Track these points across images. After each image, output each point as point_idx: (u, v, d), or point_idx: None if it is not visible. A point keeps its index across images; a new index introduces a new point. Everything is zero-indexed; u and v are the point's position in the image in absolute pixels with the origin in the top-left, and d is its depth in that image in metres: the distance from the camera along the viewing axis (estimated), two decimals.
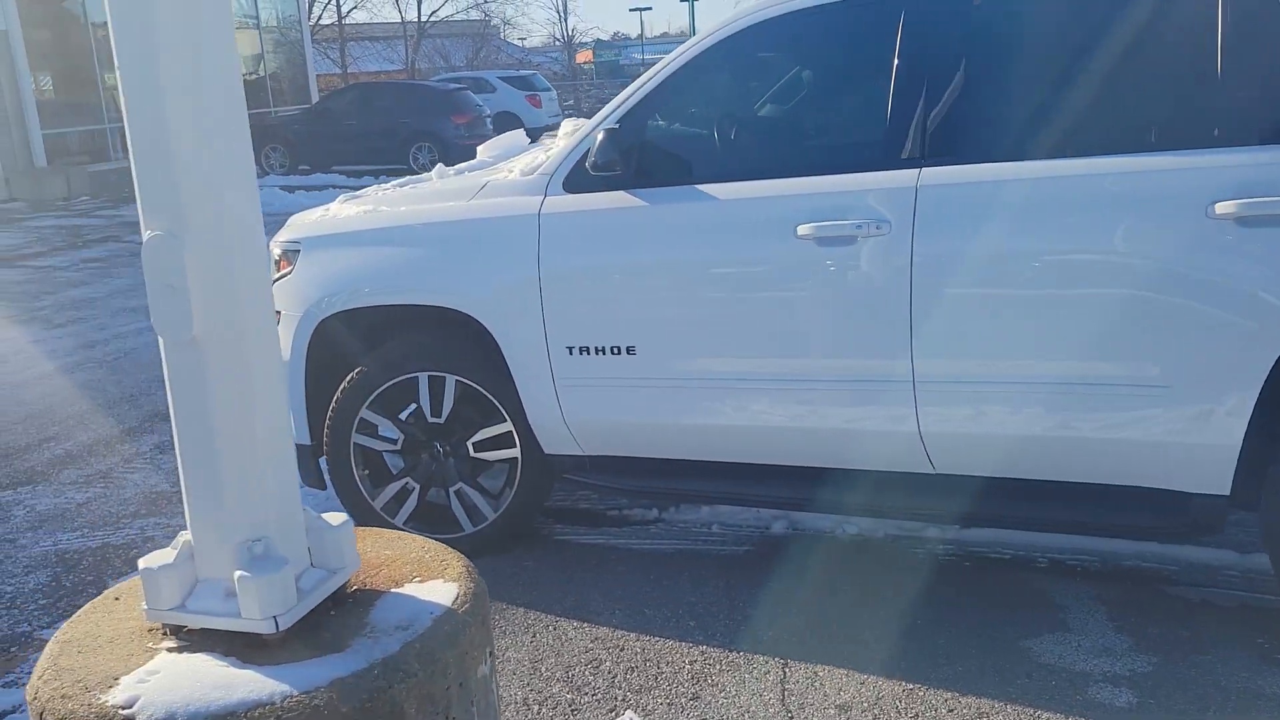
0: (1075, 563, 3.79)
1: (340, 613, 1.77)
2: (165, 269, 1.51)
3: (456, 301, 3.85)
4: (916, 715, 2.96)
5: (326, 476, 4.27)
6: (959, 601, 3.56)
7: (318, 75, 30.94)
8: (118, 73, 1.56)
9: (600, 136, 3.55)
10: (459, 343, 3.99)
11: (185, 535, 1.69)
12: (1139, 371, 3.03)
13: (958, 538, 4.01)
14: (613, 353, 3.66)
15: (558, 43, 53.55)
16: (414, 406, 4.04)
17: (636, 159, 3.55)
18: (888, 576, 3.76)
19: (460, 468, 4.07)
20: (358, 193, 4.50)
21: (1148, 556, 3.78)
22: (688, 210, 3.51)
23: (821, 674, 3.17)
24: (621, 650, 3.39)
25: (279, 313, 4.20)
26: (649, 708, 3.08)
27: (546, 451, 3.93)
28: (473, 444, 4.01)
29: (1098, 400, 3.09)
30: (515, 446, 3.97)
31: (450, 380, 3.96)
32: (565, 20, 58.14)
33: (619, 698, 3.14)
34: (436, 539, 4.04)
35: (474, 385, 3.94)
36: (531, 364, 3.78)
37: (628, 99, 3.68)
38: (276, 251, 4.27)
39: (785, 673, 3.20)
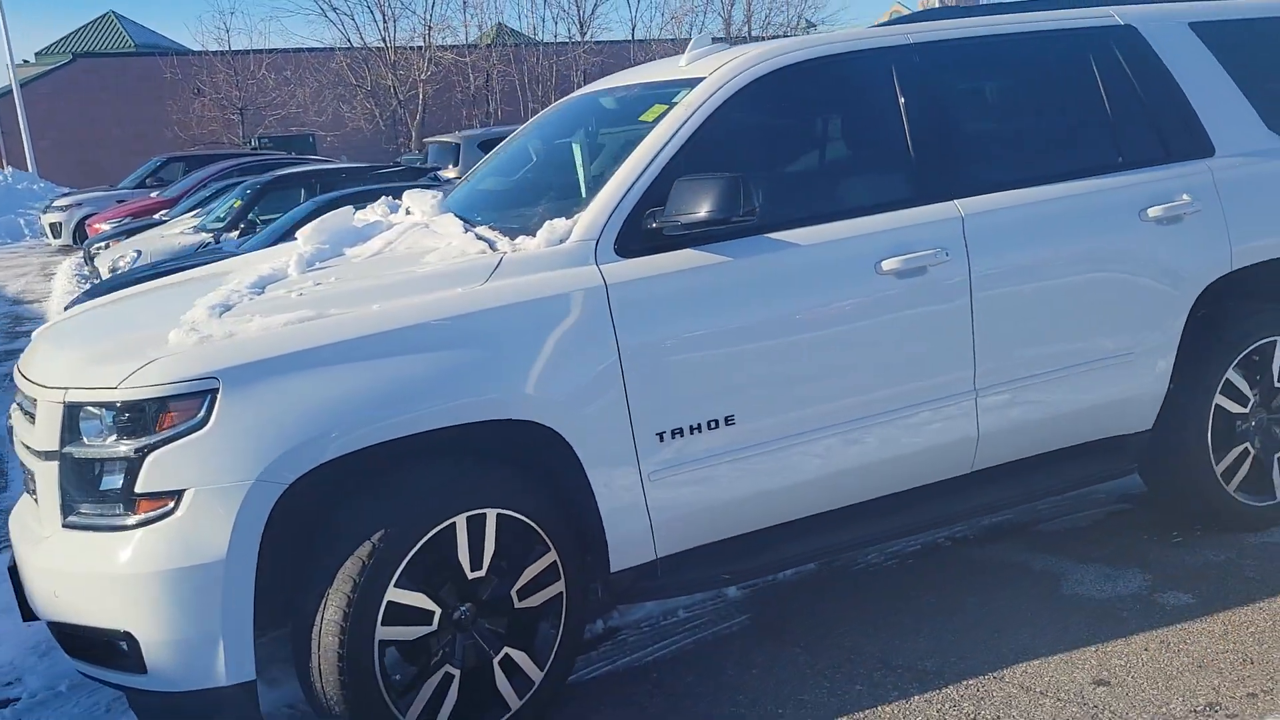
0: (966, 533, 4.45)
1: None
2: None
3: (522, 410, 3.02)
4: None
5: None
6: (950, 588, 3.98)
7: None
8: None
9: (677, 188, 3.17)
10: (493, 466, 3.11)
11: None
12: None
13: (884, 547, 4.34)
14: (709, 428, 3.25)
15: None
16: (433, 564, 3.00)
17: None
18: (884, 598, 4.00)
19: (504, 628, 3.13)
20: (226, 303, 3.05)
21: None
22: (778, 260, 3.33)
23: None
24: None
25: (178, 493, 2.75)
26: None
27: (614, 570, 3.26)
28: (518, 591, 3.13)
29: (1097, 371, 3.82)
30: (560, 579, 3.21)
31: (490, 516, 3.05)
32: None
33: None
34: None
35: (516, 515, 3.09)
36: (616, 464, 3.15)
37: (663, 148, 3.31)
38: (129, 398, 2.78)
39: None
